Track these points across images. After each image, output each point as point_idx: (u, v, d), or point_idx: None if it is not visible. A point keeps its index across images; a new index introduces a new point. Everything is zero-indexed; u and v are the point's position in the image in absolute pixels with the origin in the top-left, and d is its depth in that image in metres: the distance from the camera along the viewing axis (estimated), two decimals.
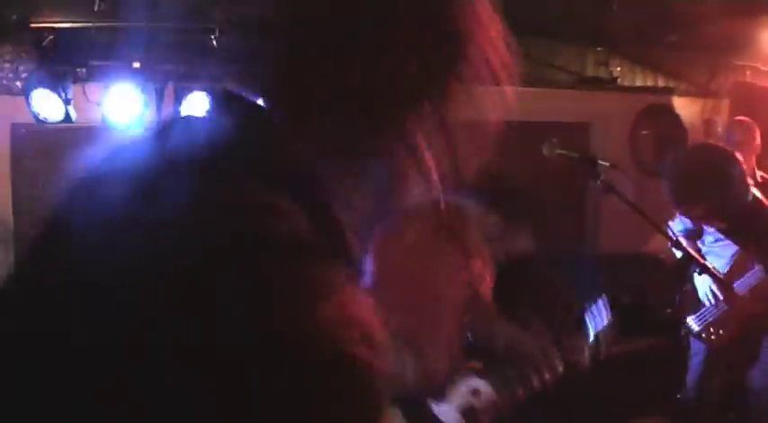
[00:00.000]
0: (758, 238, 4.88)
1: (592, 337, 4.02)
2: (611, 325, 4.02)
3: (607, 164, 4.15)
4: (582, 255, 7.65)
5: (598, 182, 3.92)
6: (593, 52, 7.10)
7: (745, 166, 4.60)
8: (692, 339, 5.28)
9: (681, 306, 5.31)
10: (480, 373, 4.05)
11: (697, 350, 5.26)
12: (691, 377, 5.30)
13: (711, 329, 5.11)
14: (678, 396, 5.51)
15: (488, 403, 4.00)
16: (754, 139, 5.83)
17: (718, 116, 8.00)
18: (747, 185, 4.63)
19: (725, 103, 7.96)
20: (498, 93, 1.36)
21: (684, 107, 7.98)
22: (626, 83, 7.36)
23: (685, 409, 5.36)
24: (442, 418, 3.63)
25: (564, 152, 4.21)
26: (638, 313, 6.76)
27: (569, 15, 6.02)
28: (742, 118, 6.04)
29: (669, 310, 6.32)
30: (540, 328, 4.06)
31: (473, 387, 4.01)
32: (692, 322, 5.20)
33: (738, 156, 4.62)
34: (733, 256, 5.03)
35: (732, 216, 4.77)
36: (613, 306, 6.78)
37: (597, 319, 4.08)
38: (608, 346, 4.01)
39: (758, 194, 4.92)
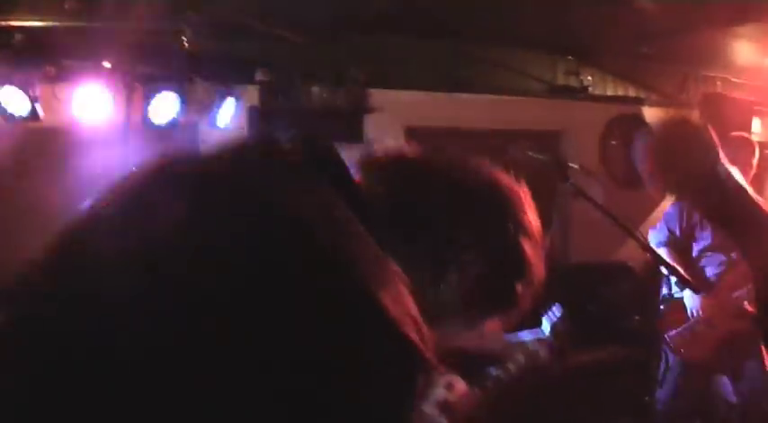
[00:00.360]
0: (743, 227, 4.83)
1: (549, 331, 4.25)
2: (564, 319, 4.27)
3: (576, 166, 4.16)
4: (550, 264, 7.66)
5: (568, 184, 3.91)
6: (564, 61, 7.13)
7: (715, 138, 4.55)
8: (670, 354, 5.27)
9: (663, 319, 5.28)
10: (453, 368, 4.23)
11: (675, 365, 5.25)
12: (665, 391, 5.30)
13: (692, 346, 5.10)
14: (646, 398, 5.51)
15: (462, 396, 4.16)
16: (752, 156, 5.38)
17: None
18: (718, 152, 4.62)
19: (695, 114, 8.02)
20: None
21: (655, 117, 8.02)
22: (597, 92, 7.39)
23: (655, 418, 5.37)
24: (424, 412, 3.78)
25: (533, 154, 4.21)
26: (606, 322, 6.79)
27: (540, 25, 6.03)
28: (739, 134, 5.61)
29: (637, 317, 6.34)
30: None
31: (447, 381, 4.17)
32: (673, 337, 5.18)
33: (708, 125, 4.59)
34: (719, 271, 5.02)
35: (713, 199, 4.75)
36: (582, 315, 6.82)
37: (552, 315, 4.31)
38: (563, 337, 4.27)
39: (736, 174, 4.90)
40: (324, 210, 1.10)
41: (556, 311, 4.32)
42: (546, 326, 4.28)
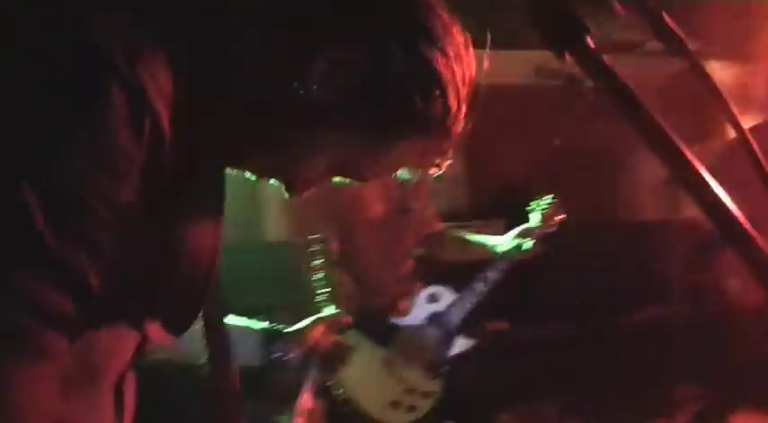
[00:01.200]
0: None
1: (539, 220, 4.18)
2: (554, 207, 4.25)
3: (591, 84, 4.09)
4: (615, 222, 7.59)
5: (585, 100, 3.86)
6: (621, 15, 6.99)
7: None
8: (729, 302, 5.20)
9: (718, 264, 5.20)
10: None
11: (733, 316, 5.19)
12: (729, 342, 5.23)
13: (750, 292, 5.02)
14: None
15: (450, 303, 4.12)
16: None
17: (756, 80, 7.83)
18: None
19: (762, 67, 7.79)
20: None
21: (719, 71, 7.82)
22: (655, 47, 7.23)
23: (725, 377, 5.32)
24: (409, 326, 3.77)
25: (552, 74, 4.15)
26: (670, 280, 6.69)
27: None
28: None
29: (704, 275, 6.26)
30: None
31: (429, 293, 4.13)
32: (731, 284, 5.11)
33: None
34: None
35: None
36: (645, 272, 6.72)
37: (541, 205, 4.27)
38: (551, 222, 4.24)
39: None
40: None
41: (545, 201, 4.25)
42: (536, 216, 4.20)
